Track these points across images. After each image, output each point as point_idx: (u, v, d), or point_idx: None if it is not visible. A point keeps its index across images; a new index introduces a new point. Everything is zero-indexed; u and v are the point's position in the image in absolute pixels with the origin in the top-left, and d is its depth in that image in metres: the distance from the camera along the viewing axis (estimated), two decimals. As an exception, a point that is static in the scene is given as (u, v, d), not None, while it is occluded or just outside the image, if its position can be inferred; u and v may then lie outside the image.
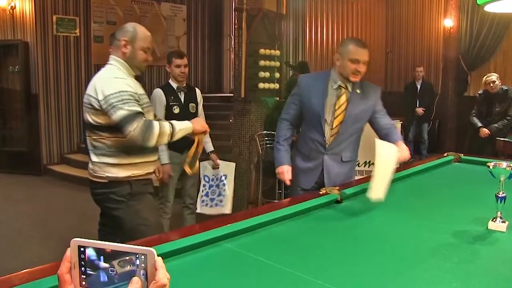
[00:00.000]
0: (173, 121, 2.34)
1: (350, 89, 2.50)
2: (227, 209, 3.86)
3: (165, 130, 2.23)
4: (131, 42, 2.32)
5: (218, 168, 3.87)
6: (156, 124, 2.21)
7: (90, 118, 2.25)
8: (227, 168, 3.91)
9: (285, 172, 2.51)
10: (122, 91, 2.19)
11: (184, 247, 1.43)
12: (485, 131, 5.20)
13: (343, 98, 2.49)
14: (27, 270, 1.22)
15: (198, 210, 3.82)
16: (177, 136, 2.31)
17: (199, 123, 2.47)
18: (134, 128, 2.14)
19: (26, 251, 3.89)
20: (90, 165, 2.34)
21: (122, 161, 2.28)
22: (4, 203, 5.36)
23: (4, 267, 3.47)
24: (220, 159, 3.92)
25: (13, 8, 6.77)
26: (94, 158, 2.30)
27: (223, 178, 3.86)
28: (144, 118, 2.20)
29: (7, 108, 7.04)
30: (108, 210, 2.38)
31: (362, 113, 2.53)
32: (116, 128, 2.20)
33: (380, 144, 2.22)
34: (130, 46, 2.32)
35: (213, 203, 3.88)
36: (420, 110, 7.30)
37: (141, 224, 2.33)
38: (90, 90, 2.25)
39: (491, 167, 1.73)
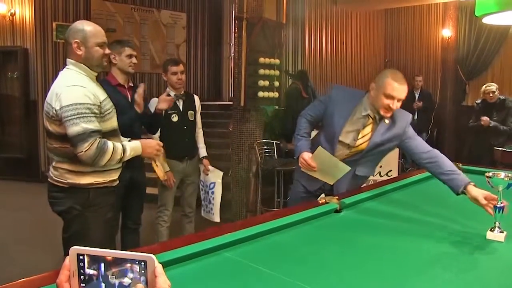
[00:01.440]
0: (126, 143, 2.31)
1: (378, 120, 2.39)
2: (216, 217, 3.81)
3: (117, 153, 2.20)
4: (83, 42, 2.21)
5: (208, 174, 3.76)
6: (110, 146, 2.17)
7: (50, 126, 2.20)
8: (215, 176, 3.79)
9: (306, 158, 2.40)
10: (79, 104, 2.10)
11: (183, 256, 1.42)
12: (486, 119, 5.15)
13: (368, 129, 2.40)
14: (25, 279, 1.21)
15: (202, 214, 3.91)
16: (127, 158, 2.29)
17: (151, 146, 2.40)
18: (86, 149, 2.10)
19: (24, 259, 3.87)
20: (51, 169, 2.31)
21: (84, 168, 2.22)
22: (2, 210, 5.34)
23: (2, 275, 3.45)
24: (217, 167, 3.89)
25: (12, 14, 6.79)
26: (55, 163, 2.27)
27: (211, 186, 3.76)
28: (99, 138, 2.14)
29: (5, 114, 7.03)
30: (61, 215, 2.33)
31: (386, 141, 2.40)
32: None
33: (318, 151, 2.37)
34: (83, 47, 2.22)
35: (207, 209, 3.88)
36: (418, 104, 7.24)
37: (85, 237, 2.27)
38: (49, 97, 2.19)
39: (489, 177, 1.74)
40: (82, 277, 0.75)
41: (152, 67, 8.03)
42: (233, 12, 6.53)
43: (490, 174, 1.77)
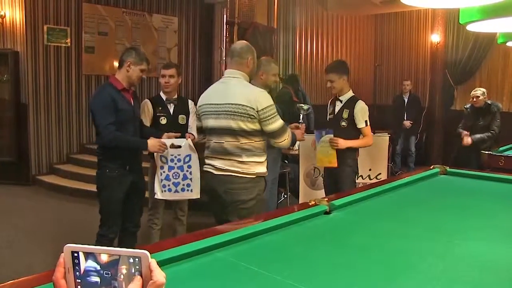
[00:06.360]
0: None
1: None
2: (195, 193, 3.40)
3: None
4: (254, 59, 2.75)
5: (180, 147, 3.34)
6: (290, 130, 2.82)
7: (244, 125, 2.60)
8: (187, 147, 3.36)
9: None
10: (272, 104, 2.64)
11: (175, 257, 1.45)
12: (467, 139, 5.28)
13: None
14: (20, 279, 1.22)
15: (159, 197, 3.40)
16: None
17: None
18: (286, 138, 2.70)
19: (14, 262, 3.86)
20: (236, 164, 2.65)
21: (263, 159, 2.72)
22: (-8, 213, 5.31)
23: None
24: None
25: (3, 17, 6.75)
26: (243, 158, 2.65)
27: (187, 159, 3.35)
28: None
29: (-4, 118, 6.99)
30: (242, 202, 2.65)
31: None
32: (262, 132, 2.65)
33: None
34: (253, 62, 2.74)
35: (177, 187, 3.38)
36: (407, 123, 7.45)
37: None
38: (241, 100, 2.58)
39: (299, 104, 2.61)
40: (77, 273, 0.77)
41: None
42: (225, 16, 6.57)
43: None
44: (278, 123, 2.65)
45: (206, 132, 2.82)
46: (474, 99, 5.37)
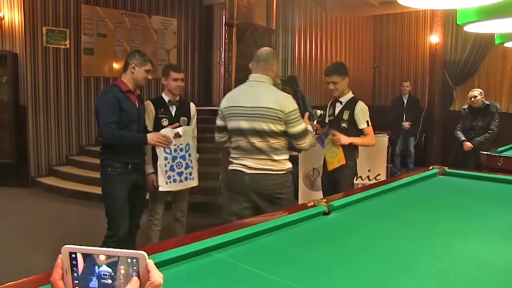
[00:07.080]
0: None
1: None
2: (196, 181, 3.53)
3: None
4: (277, 64, 2.93)
5: (180, 137, 3.38)
6: (312, 131, 3.01)
7: (274, 127, 2.78)
8: (187, 136, 3.44)
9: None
10: (297, 109, 2.82)
11: (174, 258, 1.45)
12: (468, 144, 5.36)
13: None
14: (19, 281, 1.22)
15: (165, 189, 3.39)
16: None
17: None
18: (306, 141, 2.87)
19: (13, 263, 3.86)
20: (269, 163, 2.83)
21: (288, 155, 2.94)
22: (-9, 215, 5.30)
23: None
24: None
25: (1, 18, 6.75)
26: (275, 157, 2.84)
27: (187, 148, 3.42)
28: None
29: (-5, 119, 6.98)
30: (277, 195, 2.85)
31: None
32: (286, 132, 2.82)
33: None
34: (276, 68, 2.90)
35: (181, 177, 3.44)
36: (406, 124, 7.46)
37: (292, 201, 3.01)
38: (270, 104, 2.75)
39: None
40: (75, 274, 0.77)
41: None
42: (224, 18, 6.58)
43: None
44: (301, 126, 2.82)
45: (233, 133, 2.90)
46: (472, 99, 5.39)
